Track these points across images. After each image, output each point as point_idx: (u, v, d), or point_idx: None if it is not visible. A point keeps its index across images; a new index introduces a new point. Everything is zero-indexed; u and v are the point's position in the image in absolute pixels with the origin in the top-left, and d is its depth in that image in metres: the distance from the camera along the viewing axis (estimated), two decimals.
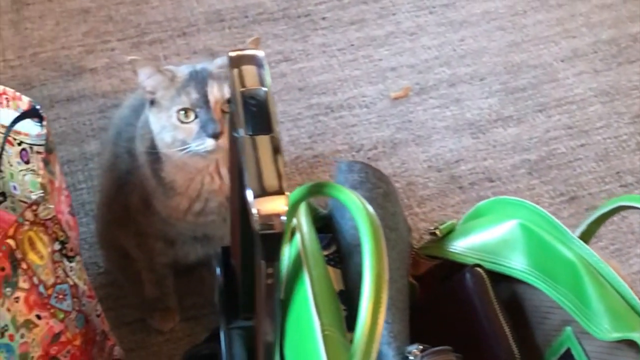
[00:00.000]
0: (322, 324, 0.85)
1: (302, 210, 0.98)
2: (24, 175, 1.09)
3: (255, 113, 0.68)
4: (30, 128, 1.05)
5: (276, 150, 0.67)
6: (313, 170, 1.59)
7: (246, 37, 1.83)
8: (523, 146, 1.64)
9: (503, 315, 1.03)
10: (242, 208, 0.83)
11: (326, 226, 1.06)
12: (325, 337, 0.85)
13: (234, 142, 0.80)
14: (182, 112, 1.10)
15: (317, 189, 0.86)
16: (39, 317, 0.96)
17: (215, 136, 1.08)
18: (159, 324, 1.35)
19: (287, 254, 0.94)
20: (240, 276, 0.89)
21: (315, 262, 0.92)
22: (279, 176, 0.65)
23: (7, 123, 1.05)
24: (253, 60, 0.74)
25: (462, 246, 1.09)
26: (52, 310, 0.98)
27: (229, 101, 1.11)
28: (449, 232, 1.11)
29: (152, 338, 1.35)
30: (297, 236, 0.93)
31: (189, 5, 1.90)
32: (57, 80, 1.74)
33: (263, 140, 0.67)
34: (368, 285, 0.75)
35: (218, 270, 0.94)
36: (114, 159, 1.26)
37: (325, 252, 1.01)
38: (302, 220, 0.97)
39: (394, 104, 1.71)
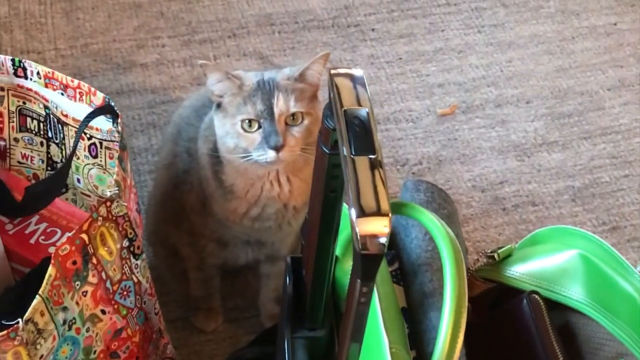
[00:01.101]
0: (389, 341, 0.86)
1: None
2: (90, 169, 1.10)
3: (358, 133, 0.69)
4: (101, 123, 1.06)
5: (379, 171, 0.67)
6: None
7: (295, 43, 1.84)
8: (567, 172, 1.65)
9: (557, 343, 1.04)
10: (322, 224, 0.84)
11: (389, 243, 1.06)
12: (392, 354, 0.86)
13: (321, 156, 0.81)
14: (247, 122, 1.11)
15: (397, 209, 0.87)
16: (103, 312, 0.97)
17: (277, 148, 1.09)
18: (202, 324, 1.36)
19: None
20: (310, 289, 0.90)
21: (382, 279, 0.93)
22: (383, 197, 0.66)
23: (80, 117, 1.06)
24: (352, 78, 0.75)
25: (519, 271, 1.09)
26: (116, 306, 0.99)
27: (293, 114, 1.12)
28: (507, 257, 1.12)
29: (194, 337, 1.35)
30: None
31: (239, 7, 1.91)
32: (107, 72, 1.75)
33: (366, 161, 0.67)
34: (448, 308, 0.77)
35: (287, 280, 0.94)
36: (172, 158, 1.27)
37: (389, 269, 1.01)
38: None
39: (440, 120, 1.72)
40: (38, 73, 1.09)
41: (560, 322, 1.10)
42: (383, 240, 0.65)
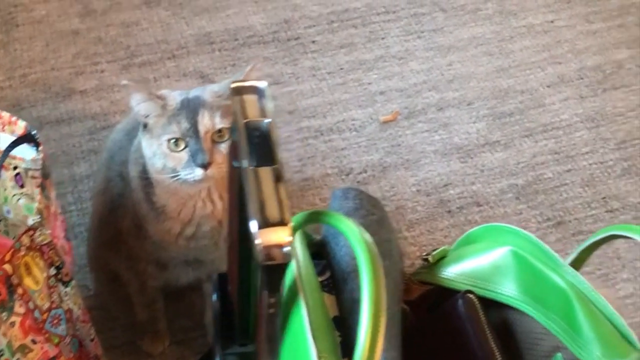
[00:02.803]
0: (318, 351, 0.85)
1: (298, 237, 0.98)
2: (18, 199, 1.10)
3: (258, 144, 0.69)
4: (25, 152, 1.06)
5: (279, 181, 0.67)
6: (303, 194, 1.60)
7: (236, 60, 1.84)
8: (510, 171, 1.66)
9: (494, 341, 1.04)
10: (241, 237, 0.84)
11: (319, 252, 1.06)
12: None
13: (233, 172, 0.81)
14: (173, 141, 1.10)
15: (316, 217, 0.87)
16: (34, 341, 0.96)
17: (204, 166, 1.09)
18: (149, 347, 1.35)
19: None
20: (237, 303, 0.90)
21: (311, 289, 0.93)
22: (283, 207, 0.66)
23: (2, 147, 1.05)
24: (255, 90, 0.75)
25: (454, 272, 1.10)
26: (47, 335, 0.98)
27: (219, 131, 1.11)
28: (441, 258, 1.12)
29: None
30: (293, 263, 0.94)
31: (179, 28, 1.91)
32: (46, 101, 1.74)
33: (266, 172, 0.67)
34: (366, 313, 0.76)
35: (214, 297, 0.94)
36: (107, 183, 1.27)
37: (320, 278, 1.01)
38: (298, 246, 0.97)
39: (383, 127, 1.73)
40: None
41: (498, 319, 1.10)
42: (286, 249, 0.65)
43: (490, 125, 1.74)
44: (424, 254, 1.13)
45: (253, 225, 0.65)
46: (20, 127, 1.04)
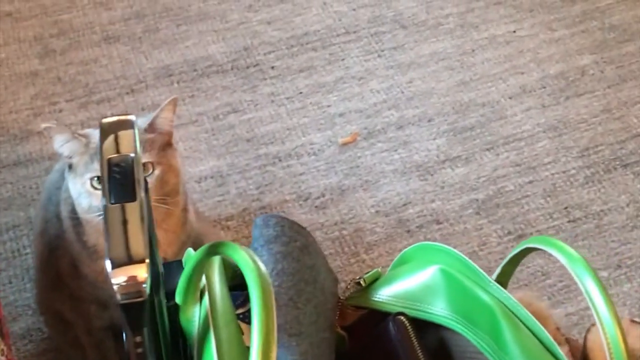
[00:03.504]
0: None
1: (216, 268, 0.97)
2: None
3: (118, 181, 0.67)
4: None
5: (139, 217, 0.66)
6: None
7: (195, 91, 1.84)
8: (471, 186, 1.63)
9: None
10: None
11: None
12: None
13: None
14: (95, 179, 1.09)
15: (214, 249, 0.85)
16: None
17: None
18: None
19: (197, 314, 0.94)
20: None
21: (226, 322, 0.91)
22: (138, 244, 0.64)
23: None
24: (125, 125, 0.73)
25: (386, 295, 1.07)
26: None
27: (143, 165, 1.10)
28: (374, 281, 1.10)
29: None
30: (206, 296, 0.92)
31: (137, 62, 1.91)
32: (4, 144, 1.74)
33: (124, 209, 0.66)
34: (255, 346, 0.74)
35: (124, 335, 0.92)
36: (45, 224, 1.26)
37: (241, 310, 0.99)
38: (216, 278, 0.96)
39: (342, 150, 1.71)
40: None
41: (434, 340, 1.07)
42: (142, 287, 0.63)
43: (450, 140, 1.72)
44: (357, 277, 1.11)
45: (108, 265, 0.64)
46: None
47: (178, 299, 0.94)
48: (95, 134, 1.14)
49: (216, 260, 0.98)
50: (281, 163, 1.69)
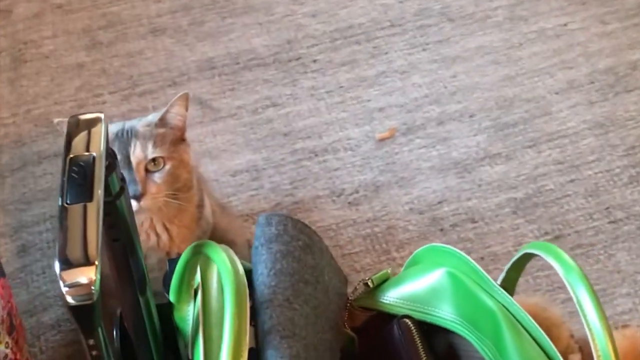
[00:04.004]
0: None
1: (215, 267, 0.96)
2: None
3: (76, 181, 0.66)
4: None
5: (93, 218, 0.65)
6: None
7: (235, 84, 1.83)
8: (510, 184, 1.59)
9: None
10: (118, 274, 0.82)
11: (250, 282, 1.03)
12: None
13: None
14: None
15: (198, 249, 0.84)
16: None
17: (137, 197, 1.08)
18: None
19: (191, 313, 0.93)
20: (134, 341, 0.88)
21: (217, 322, 0.90)
22: (90, 246, 0.63)
23: None
24: (92, 124, 0.72)
25: (393, 297, 1.05)
26: None
27: (154, 160, 1.10)
28: (383, 282, 1.07)
29: None
30: (199, 295, 0.91)
31: (181, 55, 1.91)
32: (47, 136, 1.76)
33: (78, 210, 0.65)
34: (225, 350, 0.73)
35: (115, 333, 0.92)
36: None
37: None
38: (213, 277, 0.94)
39: (379, 145, 1.68)
40: None
41: (443, 346, 1.04)
42: (91, 289, 0.62)
43: (491, 137, 1.68)
44: (366, 278, 1.08)
45: (56, 267, 0.63)
46: None
47: (171, 297, 0.93)
48: (109, 127, 1.14)
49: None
50: (317, 158, 1.67)
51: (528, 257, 0.93)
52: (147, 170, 1.10)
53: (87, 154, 0.69)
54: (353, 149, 1.68)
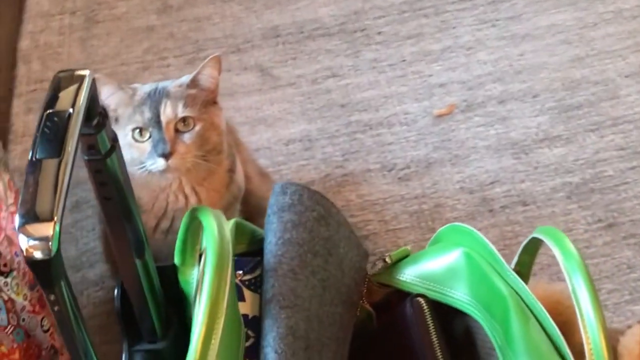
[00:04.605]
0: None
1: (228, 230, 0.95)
2: None
3: (48, 136, 0.66)
4: None
5: (58, 174, 0.64)
6: (340, 190, 1.55)
7: (298, 53, 1.82)
8: (567, 168, 1.53)
9: (442, 350, 0.96)
10: (114, 236, 0.82)
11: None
12: None
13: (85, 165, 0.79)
14: (137, 131, 1.10)
15: (193, 213, 0.83)
16: None
17: (165, 156, 1.08)
18: None
19: (195, 276, 0.92)
20: (134, 301, 0.88)
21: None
22: (49, 202, 0.63)
23: None
24: (75, 80, 0.72)
25: (410, 274, 1.03)
26: None
27: (184, 120, 1.10)
28: (402, 259, 1.05)
29: None
30: (203, 259, 0.90)
31: (248, 22, 1.91)
32: None
33: (45, 165, 0.64)
34: (201, 314, 0.72)
35: (116, 293, 0.92)
36: None
37: (249, 276, 0.97)
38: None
39: (436, 121, 1.64)
40: None
41: (460, 329, 1.02)
42: (48, 245, 0.62)
43: (553, 119, 1.62)
44: (386, 253, 1.06)
45: (16, 220, 0.63)
46: None
47: (176, 260, 0.93)
48: (141, 88, 1.14)
49: (228, 225, 0.96)
50: (371, 131, 1.64)
51: (537, 241, 0.89)
52: (177, 131, 1.10)
53: (63, 110, 0.68)
54: (409, 124, 1.65)
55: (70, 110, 0.68)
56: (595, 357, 0.73)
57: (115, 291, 0.94)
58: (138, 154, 1.10)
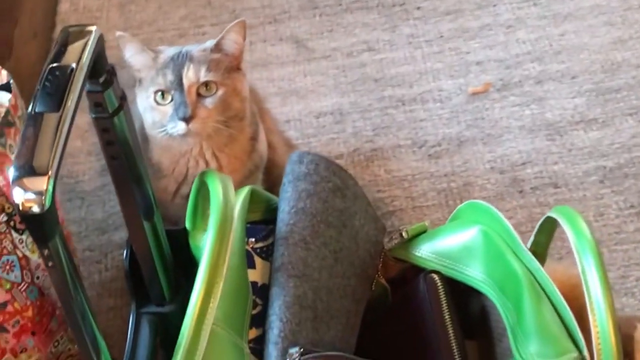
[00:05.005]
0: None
1: (240, 199, 0.94)
2: None
3: (49, 90, 0.65)
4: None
5: (57, 129, 0.63)
6: (368, 164, 1.53)
7: (335, 25, 1.80)
8: (602, 152, 1.50)
9: (454, 327, 0.94)
10: (121, 197, 0.81)
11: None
12: (211, 332, 0.81)
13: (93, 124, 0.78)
14: (159, 94, 1.09)
15: (202, 176, 0.83)
16: None
17: (186, 120, 1.07)
18: None
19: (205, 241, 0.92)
20: (142, 264, 0.87)
21: (232, 253, 0.88)
22: (44, 156, 0.62)
23: None
24: (81, 36, 0.71)
25: (426, 250, 1.01)
26: None
27: (206, 85, 1.09)
28: (419, 234, 1.03)
29: None
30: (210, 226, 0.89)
31: None
32: None
33: (43, 119, 0.64)
34: (200, 279, 0.71)
35: (124, 256, 0.92)
36: None
37: (261, 244, 0.96)
38: (237, 208, 0.93)
39: (471, 99, 1.62)
40: None
41: (475, 307, 1.00)
42: (42, 199, 0.61)
43: (591, 101, 1.58)
44: (403, 228, 1.04)
45: (11, 173, 0.62)
46: (4, 76, 1.07)
47: (187, 224, 0.92)
48: (165, 51, 1.14)
49: (242, 192, 0.95)
50: (404, 107, 1.62)
51: (553, 221, 0.87)
52: (199, 95, 1.09)
53: (66, 64, 0.67)
54: (442, 101, 1.62)
55: (74, 65, 0.67)
56: (602, 341, 0.71)
57: (124, 252, 0.93)
58: (159, 117, 1.10)
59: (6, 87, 1.06)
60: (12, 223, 1.00)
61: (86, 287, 1.37)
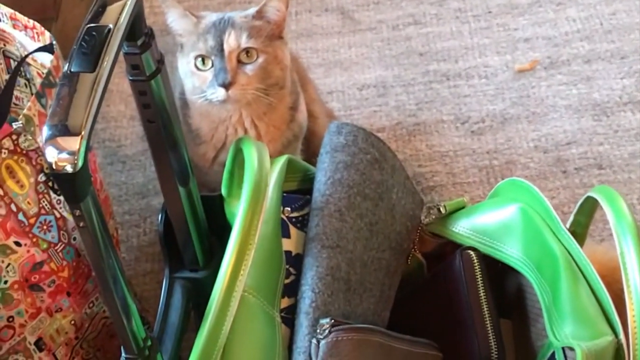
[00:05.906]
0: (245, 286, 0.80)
1: (277, 168, 0.94)
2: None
3: (85, 49, 0.65)
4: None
5: (91, 89, 0.63)
6: (410, 139, 1.52)
7: None
8: None
9: (489, 305, 0.93)
10: (156, 161, 0.81)
11: None
12: (242, 298, 0.81)
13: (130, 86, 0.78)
14: (200, 59, 1.09)
15: (238, 143, 0.82)
16: (17, 243, 0.99)
17: (226, 86, 1.06)
18: None
19: None
20: (177, 230, 0.87)
21: (266, 219, 0.87)
22: (77, 116, 0.61)
23: (39, 58, 1.08)
24: None
25: (464, 227, 0.99)
26: (34, 240, 1.00)
27: (247, 52, 1.08)
28: (457, 210, 1.02)
29: None
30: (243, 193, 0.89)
31: None
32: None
33: (78, 78, 0.63)
34: (232, 245, 0.71)
35: (159, 220, 0.92)
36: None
37: (296, 214, 0.95)
38: (273, 176, 0.92)
39: (517, 77, 1.59)
40: (4, 14, 1.12)
41: (512, 285, 0.99)
42: (74, 159, 0.61)
43: None
44: (441, 202, 1.03)
45: (44, 131, 0.62)
46: (47, 37, 1.07)
47: (223, 190, 0.92)
48: (208, 17, 1.13)
49: (279, 161, 0.95)
50: (448, 82, 1.60)
51: (593, 202, 0.85)
52: (239, 61, 1.08)
53: (102, 25, 0.67)
54: (488, 77, 1.60)
55: (111, 25, 0.67)
56: (638, 325, 0.69)
57: (159, 217, 0.93)
58: (199, 83, 1.09)
59: (49, 49, 1.06)
60: (50, 183, 1.00)
61: (124, 251, 1.39)
